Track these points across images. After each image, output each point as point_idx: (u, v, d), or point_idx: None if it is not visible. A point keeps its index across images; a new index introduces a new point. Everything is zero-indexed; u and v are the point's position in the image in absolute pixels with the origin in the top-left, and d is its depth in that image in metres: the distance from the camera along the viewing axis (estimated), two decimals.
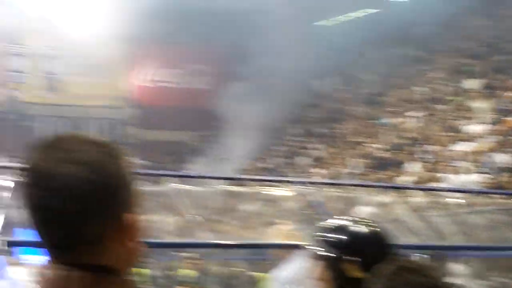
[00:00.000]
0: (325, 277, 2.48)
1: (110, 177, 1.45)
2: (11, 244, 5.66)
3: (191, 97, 37.47)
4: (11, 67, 34.09)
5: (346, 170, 21.62)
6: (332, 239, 2.49)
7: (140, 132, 37.07)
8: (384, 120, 25.31)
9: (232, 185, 8.95)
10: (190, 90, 38.33)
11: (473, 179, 14.96)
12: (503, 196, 9.69)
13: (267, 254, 12.83)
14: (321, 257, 2.50)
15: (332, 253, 2.46)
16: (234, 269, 13.17)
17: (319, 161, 25.04)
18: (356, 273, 2.42)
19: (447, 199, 9.48)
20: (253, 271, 12.42)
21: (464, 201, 9.52)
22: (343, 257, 2.45)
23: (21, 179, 1.47)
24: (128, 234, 1.48)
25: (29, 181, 1.46)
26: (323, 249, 2.48)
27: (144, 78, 38.02)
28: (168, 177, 7.42)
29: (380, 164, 20.32)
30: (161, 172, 9.54)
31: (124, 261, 1.50)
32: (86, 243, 1.45)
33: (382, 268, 2.04)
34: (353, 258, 2.44)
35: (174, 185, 7.39)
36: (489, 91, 20.86)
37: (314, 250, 2.52)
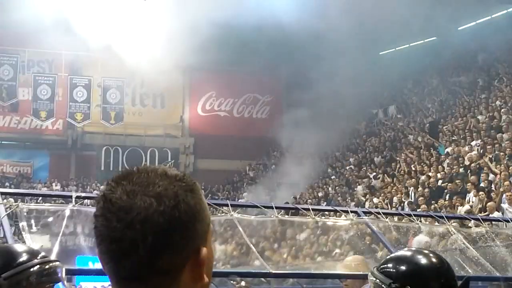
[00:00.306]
0: None
1: (185, 210, 1.46)
2: (71, 272, 5.71)
3: (247, 126, 37.60)
4: (73, 97, 34.81)
5: (404, 200, 21.37)
6: (396, 270, 2.50)
7: (196, 161, 37.37)
8: (443, 149, 24.98)
9: (288, 214, 8.90)
10: (247, 119, 38.50)
11: None
12: None
13: (322, 284, 12.74)
14: (378, 286, 2.50)
15: (396, 284, 2.45)
16: None
17: (376, 190, 24.81)
18: None
19: (508, 230, 9.28)
20: None
21: None
22: (395, 286, 2.43)
23: (96, 210, 1.49)
24: (201, 269, 1.49)
25: (104, 212, 1.47)
26: (386, 281, 2.48)
27: (201, 107, 38.35)
28: (223, 206, 7.42)
29: (439, 193, 20.03)
30: (219, 201, 9.56)
31: None
32: (158, 276, 1.46)
33: None
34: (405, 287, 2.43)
35: (231, 214, 7.38)
36: None
37: (378, 282, 2.52)
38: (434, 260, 2.51)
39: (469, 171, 20.50)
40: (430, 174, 22.72)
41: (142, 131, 36.60)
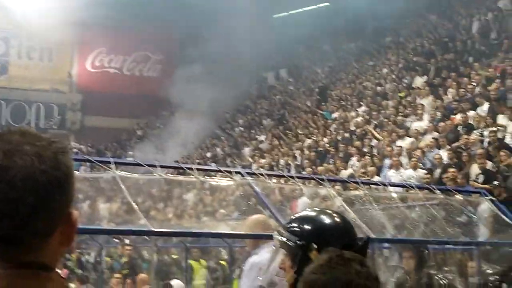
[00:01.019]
0: (291, 266, 2.50)
1: (64, 172, 1.42)
2: None
3: (138, 84, 37.12)
4: None
5: (290, 162, 21.71)
6: (302, 229, 2.53)
7: (83, 118, 36.65)
8: (330, 114, 25.47)
9: (175, 173, 8.86)
10: (137, 77, 37.99)
11: (413, 174, 15.16)
12: (443, 192, 9.82)
13: (206, 243, 12.83)
14: (289, 247, 2.52)
15: (300, 242, 2.49)
16: (174, 256, 13.13)
17: (264, 153, 25.07)
18: None
19: (387, 193, 9.56)
20: (190, 259, 12.39)
21: (403, 195, 9.63)
22: (311, 246, 2.46)
23: None
24: (72, 232, 1.46)
25: None
26: (292, 239, 2.51)
27: (91, 63, 37.51)
28: (110, 164, 7.30)
29: (324, 157, 20.46)
30: (103, 159, 9.41)
31: (59, 256, 1.48)
32: (33, 238, 1.40)
33: (317, 260, 2.05)
34: (312, 245, 2.47)
35: (116, 172, 7.27)
36: (436, 88, 21.14)
37: (284, 240, 2.53)
38: (338, 220, 2.56)
39: (354, 136, 21.02)
40: (316, 138, 23.15)
41: (27, 85, 35.43)
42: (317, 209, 2.65)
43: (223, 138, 30.84)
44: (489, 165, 13.65)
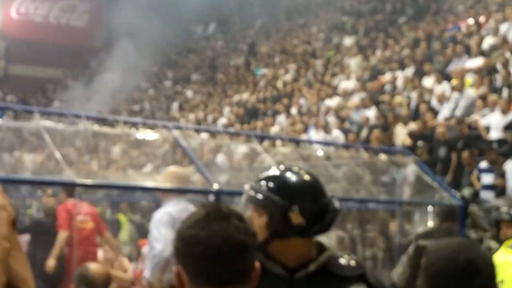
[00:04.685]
0: (264, 226, 2.44)
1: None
2: None
3: (65, 33, 36.27)
4: None
5: (218, 118, 21.68)
6: (281, 188, 2.46)
7: (8, 66, 35.70)
8: (259, 71, 25.47)
9: (101, 125, 8.71)
10: (64, 26, 37.09)
11: (340, 134, 15.34)
12: (368, 151, 9.98)
13: (131, 197, 12.76)
14: (265, 205, 2.46)
15: (281, 202, 2.43)
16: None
17: (192, 108, 24.97)
18: (298, 219, 2.41)
19: (313, 152, 9.67)
20: (116, 213, 12.32)
21: (329, 154, 9.74)
22: (294, 207, 2.42)
23: None
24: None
25: None
26: (272, 197, 2.44)
27: (15, 10, 36.40)
28: (35, 114, 7.14)
29: (252, 114, 20.50)
30: (28, 108, 9.20)
31: None
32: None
33: (194, 215, 1.99)
34: (296, 206, 2.41)
35: (41, 122, 7.13)
36: (364, 49, 21.34)
37: (257, 197, 2.47)
38: (316, 180, 2.51)
39: (282, 94, 21.10)
40: (245, 94, 23.15)
41: None
42: (292, 167, 2.59)
43: (151, 92, 30.54)
44: (414, 126, 13.92)
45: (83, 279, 5.07)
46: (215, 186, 6.77)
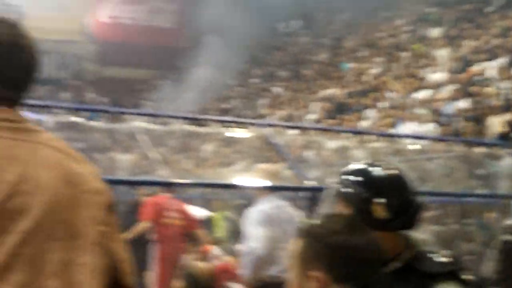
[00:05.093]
0: None
1: None
2: None
3: (154, 34, 36.93)
4: None
5: (306, 114, 21.67)
6: (359, 180, 2.51)
7: (100, 69, 36.60)
8: (345, 65, 25.32)
9: (192, 124, 8.86)
10: (151, 27, 37.75)
11: (430, 126, 15.09)
12: (461, 143, 9.79)
13: (222, 195, 12.90)
14: (346, 198, 2.51)
15: (360, 194, 2.48)
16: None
17: (280, 104, 25.03)
18: (383, 214, 2.44)
19: (405, 146, 9.55)
20: (209, 211, 12.47)
21: (421, 147, 9.60)
22: (380, 201, 2.46)
23: None
24: None
25: None
26: (358, 191, 2.49)
27: (105, 14, 37.29)
28: (127, 115, 7.32)
29: (340, 109, 20.40)
30: (121, 109, 9.44)
31: None
32: None
33: (334, 220, 2.08)
34: (380, 200, 2.46)
35: (134, 123, 7.30)
36: (453, 40, 20.93)
37: (338, 190, 2.53)
38: (401, 175, 2.55)
39: (370, 88, 20.91)
40: (332, 90, 23.06)
41: (43, 36, 35.25)
42: (377, 162, 2.60)
43: (239, 89, 30.75)
44: (508, 117, 13.56)
45: (188, 277, 5.18)
46: (310, 183, 6.76)
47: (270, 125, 8.53)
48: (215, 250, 9.07)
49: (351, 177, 2.54)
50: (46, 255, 1.88)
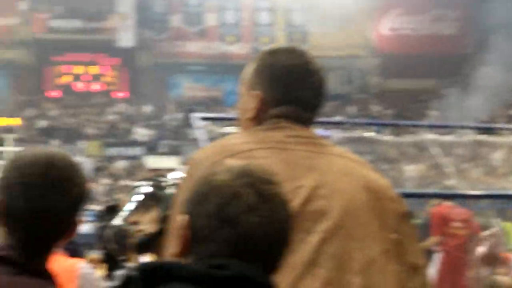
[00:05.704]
0: None
1: None
2: None
3: (435, 43, 36.48)
4: (257, 21, 35.50)
5: None
6: None
7: (384, 81, 36.89)
8: None
9: (480, 133, 8.65)
10: (434, 36, 37.30)
11: None
12: None
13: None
14: None
15: None
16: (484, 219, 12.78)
17: None
18: None
19: None
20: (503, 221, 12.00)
21: None
22: None
23: None
24: None
25: None
26: None
27: (386, 27, 37.57)
28: (415, 127, 7.33)
29: None
30: (410, 122, 9.47)
31: None
32: None
33: None
34: None
35: (423, 135, 7.32)
36: None
37: None
38: None
39: None
40: None
41: (327, 52, 36.37)
42: None
43: None
44: None
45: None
46: None
47: None
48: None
49: None
50: (349, 254, 2.04)
